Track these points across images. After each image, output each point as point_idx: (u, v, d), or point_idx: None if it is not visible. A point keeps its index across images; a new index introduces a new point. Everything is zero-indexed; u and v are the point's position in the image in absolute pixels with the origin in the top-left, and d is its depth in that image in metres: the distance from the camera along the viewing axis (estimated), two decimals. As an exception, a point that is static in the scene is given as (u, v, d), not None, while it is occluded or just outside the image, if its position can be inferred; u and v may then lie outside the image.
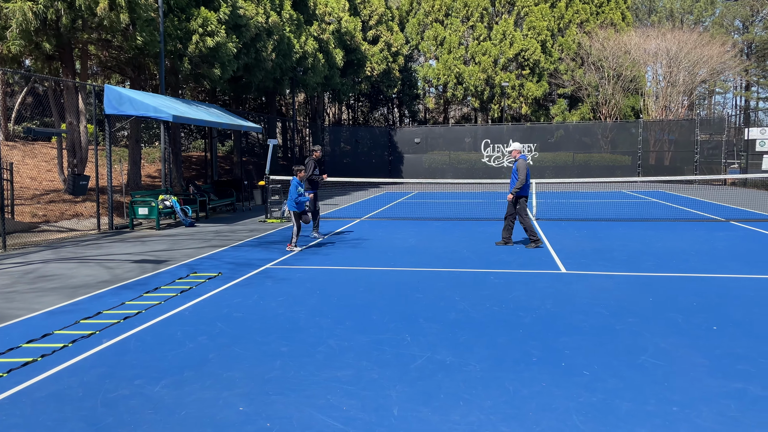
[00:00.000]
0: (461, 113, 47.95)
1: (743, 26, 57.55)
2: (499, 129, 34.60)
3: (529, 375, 4.61)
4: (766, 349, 5.09)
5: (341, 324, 6.01)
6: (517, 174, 10.64)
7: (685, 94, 36.29)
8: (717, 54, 34.99)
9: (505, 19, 38.42)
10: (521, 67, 37.92)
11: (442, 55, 38.69)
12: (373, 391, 4.34)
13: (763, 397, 4.12)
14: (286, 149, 32.19)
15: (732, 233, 12.02)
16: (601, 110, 37.89)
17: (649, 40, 35.39)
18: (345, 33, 28.57)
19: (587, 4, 38.84)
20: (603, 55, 35.81)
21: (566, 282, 7.82)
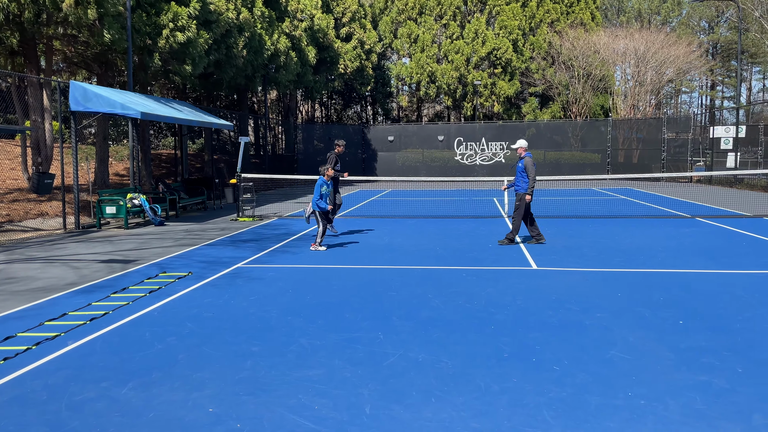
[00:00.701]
0: (434, 111, 48.14)
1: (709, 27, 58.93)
2: (472, 127, 34.83)
3: (501, 371, 4.64)
4: (730, 342, 5.22)
5: (313, 323, 5.97)
6: (525, 173, 10.39)
7: (652, 93, 37.01)
8: (683, 54, 35.78)
9: (477, 17, 38.68)
10: (493, 66, 38.23)
11: (415, 54, 38.79)
12: (345, 389, 4.32)
13: (727, 389, 4.22)
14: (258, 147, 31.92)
15: (697, 229, 12.30)
16: (572, 109, 38.43)
17: (617, 40, 36.00)
18: (317, 30, 28.43)
19: (558, 3, 39.33)
20: (573, 55, 36.31)
21: (537, 278, 7.90)
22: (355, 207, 18.39)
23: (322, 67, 31.01)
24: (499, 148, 34.07)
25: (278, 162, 32.40)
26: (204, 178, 20.64)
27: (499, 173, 32.78)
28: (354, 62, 33.01)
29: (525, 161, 10.41)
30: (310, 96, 34.42)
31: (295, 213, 14.42)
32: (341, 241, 11.27)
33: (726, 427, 3.65)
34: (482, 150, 34.21)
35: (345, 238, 11.63)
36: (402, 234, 12.23)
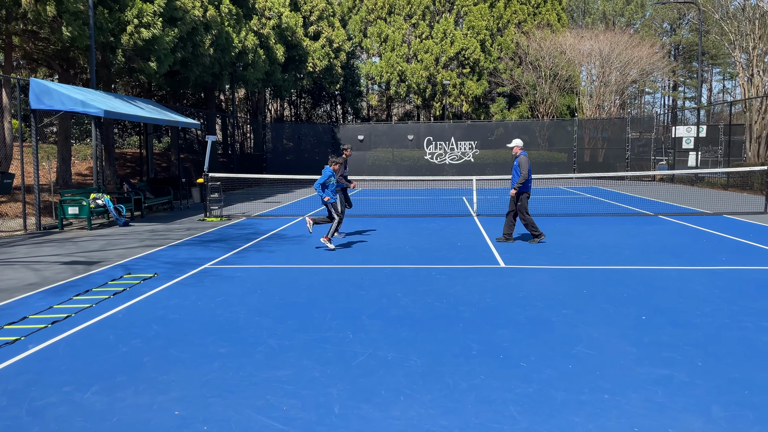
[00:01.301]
0: (404, 111, 48.25)
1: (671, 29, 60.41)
2: (442, 126, 35.03)
3: (469, 368, 4.68)
4: (691, 336, 5.36)
5: (282, 323, 5.93)
6: (519, 170, 10.52)
7: (617, 93, 37.76)
8: (646, 55, 36.58)
9: (446, 17, 38.91)
10: (462, 66, 38.51)
11: (385, 53, 38.82)
12: (314, 389, 4.30)
13: (687, 383, 4.34)
14: (226, 146, 31.54)
15: (660, 227, 12.60)
16: (539, 108, 38.96)
17: (583, 41, 36.62)
18: (286, 28, 28.22)
19: (524, 4, 39.81)
20: (540, 55, 36.81)
21: (505, 276, 8.00)
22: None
23: (290, 66, 30.80)
24: (468, 148, 34.34)
25: (247, 161, 32.07)
26: (170, 177, 20.28)
27: (468, 172, 33.05)
28: (323, 61, 32.87)
29: (519, 159, 10.55)
30: (278, 94, 34.14)
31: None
32: (310, 241, 11.22)
33: (686, 420, 3.75)
34: (452, 149, 34.43)
35: (314, 238, 11.58)
36: (371, 233, 12.23)
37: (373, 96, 44.99)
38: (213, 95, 29.75)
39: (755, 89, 25.07)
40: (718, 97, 65.50)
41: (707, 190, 22.61)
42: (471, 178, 16.56)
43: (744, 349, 5.01)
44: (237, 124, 32.63)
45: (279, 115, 46.00)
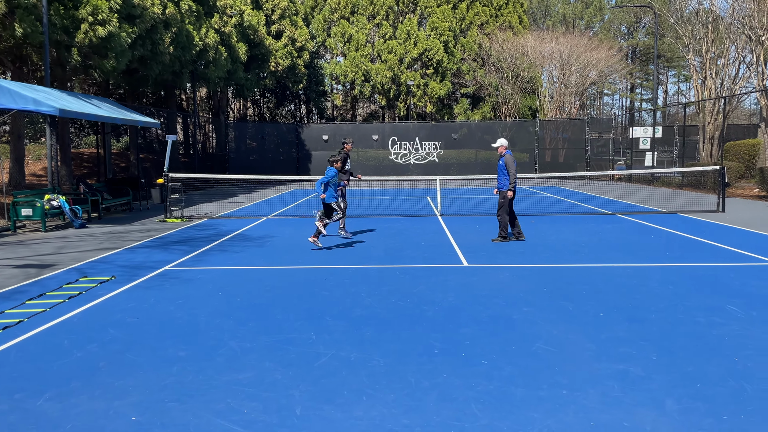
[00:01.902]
0: (369, 111, 48.28)
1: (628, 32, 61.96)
2: (406, 127, 35.17)
3: (431, 367, 4.70)
4: (646, 332, 5.50)
5: (244, 325, 5.86)
6: (506, 170, 10.57)
7: (577, 94, 38.56)
8: (605, 57, 37.45)
9: (410, 18, 39.08)
10: (425, 67, 38.74)
11: (349, 52, 38.76)
12: (276, 392, 4.26)
13: (642, 377, 4.45)
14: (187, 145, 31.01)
15: (618, 225, 12.91)
16: (501, 109, 39.48)
17: (544, 43, 37.26)
18: (248, 27, 27.91)
19: (487, 6, 40.28)
20: (502, 57, 37.30)
21: (468, 275, 8.07)
22: (288, 207, 18.19)
23: (253, 64, 30.47)
24: (433, 148, 34.58)
25: (209, 161, 31.60)
26: (129, 178, 19.83)
27: (433, 172, 33.27)
28: (286, 60, 32.62)
29: (506, 159, 10.61)
30: (241, 94, 33.72)
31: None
32: (274, 242, 11.12)
33: (641, 413, 3.85)
34: (416, 149, 34.62)
35: (278, 239, 11.48)
36: (336, 233, 12.18)
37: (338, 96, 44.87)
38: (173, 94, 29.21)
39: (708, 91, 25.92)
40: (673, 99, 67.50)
41: (663, 189, 23.27)
42: (435, 178, 16.67)
43: (696, 343, 5.17)
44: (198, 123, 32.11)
45: (242, 114, 45.47)
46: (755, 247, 9.83)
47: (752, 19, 22.05)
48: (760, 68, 22.74)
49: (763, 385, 4.26)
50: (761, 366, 4.61)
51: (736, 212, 15.01)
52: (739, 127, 35.54)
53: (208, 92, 37.15)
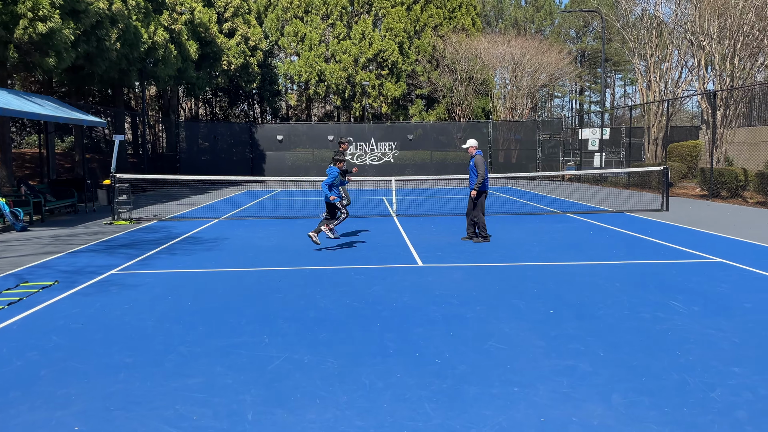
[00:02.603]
0: (324, 111, 48.05)
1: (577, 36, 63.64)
2: (362, 127, 35.15)
3: (385, 367, 4.70)
4: (594, 328, 5.65)
5: (194, 329, 5.73)
6: (475, 170, 10.67)
7: (528, 96, 39.35)
8: (555, 60, 38.35)
9: (364, 19, 39.09)
10: (380, 67, 38.83)
11: (303, 52, 38.49)
12: (226, 397, 4.17)
13: (590, 372, 4.56)
14: (136, 145, 30.18)
15: (568, 224, 13.22)
16: (456, 111, 39.94)
17: (496, 46, 37.89)
18: (199, 24, 27.35)
19: (441, 8, 40.67)
20: (456, 58, 37.73)
21: (422, 275, 8.11)
22: (242, 208, 17.91)
23: (204, 63, 29.88)
24: (388, 149, 34.67)
25: (159, 162, 30.83)
26: (74, 179, 19.14)
27: (389, 173, 33.36)
28: (238, 59, 32.13)
29: (476, 159, 10.70)
30: (192, 93, 33.02)
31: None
32: (226, 244, 10.92)
33: (589, 408, 3.94)
34: (372, 150, 34.65)
35: (231, 241, 11.29)
36: (291, 234, 12.07)
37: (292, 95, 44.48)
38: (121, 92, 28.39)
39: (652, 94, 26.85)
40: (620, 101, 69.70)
41: (611, 189, 23.98)
42: (390, 178, 16.71)
43: (641, 338, 5.34)
44: (148, 122, 31.29)
45: (193, 113, 44.56)
46: (697, 245, 10.23)
47: (694, 25, 22.97)
48: (701, 72, 23.71)
49: (704, 377, 4.42)
50: (702, 359, 4.79)
51: (679, 211, 15.60)
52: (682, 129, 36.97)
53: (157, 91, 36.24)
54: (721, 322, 5.76)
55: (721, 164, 21.77)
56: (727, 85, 21.60)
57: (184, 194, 23.70)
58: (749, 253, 9.43)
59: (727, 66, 21.65)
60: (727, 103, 21.56)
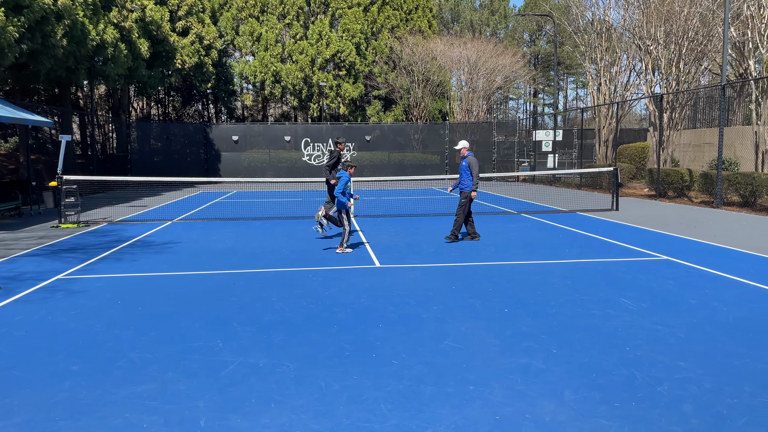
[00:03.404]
0: (281, 111, 47.60)
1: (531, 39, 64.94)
2: (319, 128, 34.97)
3: (342, 369, 4.67)
4: (547, 326, 5.75)
5: (144, 335, 5.57)
6: (469, 171, 10.74)
7: (484, 98, 39.91)
8: (510, 63, 39.03)
9: (321, 19, 38.92)
10: (338, 68, 38.73)
11: (258, 52, 38.05)
12: (179, 403, 4.07)
13: (543, 369, 4.64)
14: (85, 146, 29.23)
15: (522, 224, 13.46)
16: (413, 112, 40.17)
17: (453, 48, 38.30)
18: (150, 22, 26.68)
19: (397, 10, 40.86)
20: (413, 60, 37.96)
21: (380, 276, 8.12)
22: (196, 210, 17.56)
23: (156, 62, 29.17)
24: (346, 149, 34.57)
25: (109, 163, 29.95)
26: (19, 180, 18.39)
27: (346, 174, 33.23)
28: (192, 58, 31.50)
29: (469, 160, 10.79)
30: (144, 92, 32.19)
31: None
32: (178, 248, 10.68)
33: (542, 404, 4.01)
34: (330, 151, 34.49)
35: (184, 244, 11.05)
36: (246, 236, 11.90)
37: (248, 96, 43.91)
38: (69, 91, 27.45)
39: (603, 97, 27.62)
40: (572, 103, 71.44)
41: (564, 189, 24.54)
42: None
43: (592, 335, 5.47)
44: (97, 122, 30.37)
45: (145, 113, 43.49)
46: (645, 243, 10.57)
47: (641, 30, 23.74)
48: (648, 76, 24.52)
49: (652, 372, 4.56)
50: (650, 354, 4.95)
51: (628, 210, 16.08)
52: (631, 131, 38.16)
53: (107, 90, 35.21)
54: (668, 318, 5.95)
55: (668, 165, 22.56)
56: (673, 89, 22.41)
57: (135, 196, 23.09)
58: (694, 250, 9.79)
59: (673, 70, 22.46)
60: (673, 106, 22.36)
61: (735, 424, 3.69)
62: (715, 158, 18.01)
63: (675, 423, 3.72)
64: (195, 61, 31.71)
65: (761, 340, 5.29)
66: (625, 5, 26.36)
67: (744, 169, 20.90)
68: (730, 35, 19.83)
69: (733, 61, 22.50)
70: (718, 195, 16.90)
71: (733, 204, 17.04)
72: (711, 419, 3.76)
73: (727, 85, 18.75)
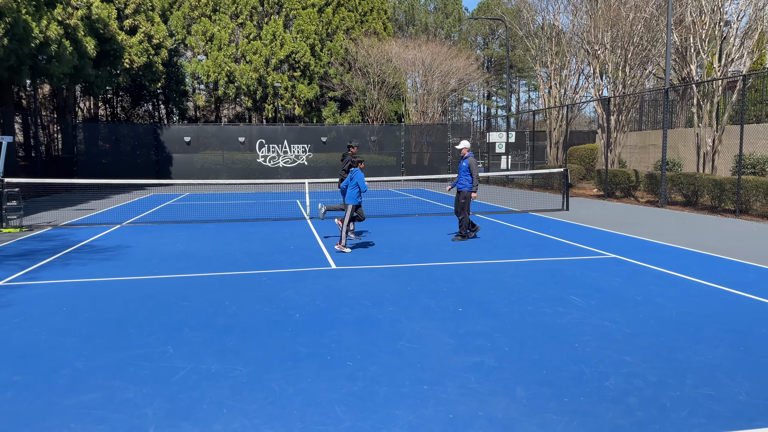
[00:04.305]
0: (235, 112, 46.91)
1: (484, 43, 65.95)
2: (274, 129, 34.63)
3: (296, 373, 4.64)
4: (499, 324, 5.85)
5: (91, 342, 5.40)
6: (469, 171, 10.97)
7: (439, 101, 40.33)
8: (464, 66, 39.54)
9: (275, 19, 38.57)
10: (293, 69, 38.45)
11: (211, 52, 37.43)
12: (127, 412, 3.96)
13: (496, 367, 4.72)
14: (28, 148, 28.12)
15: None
16: (369, 113, 40.23)
17: (408, 50, 38.55)
18: (97, 20, 25.89)
19: (352, 12, 40.87)
20: (368, 62, 38.03)
21: (336, 278, 8.09)
22: (146, 213, 17.12)
23: (104, 61, 28.31)
24: (302, 151, 34.37)
25: (54, 165, 28.88)
26: (-44, 183, 17.47)
27: (303, 175, 33.08)
28: (141, 57, 30.72)
29: (469, 161, 11.05)
30: (91, 92, 31.20)
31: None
32: (127, 252, 10.39)
33: (494, 402, 4.07)
34: (285, 152, 34.21)
35: (134, 248, 10.75)
36: (199, 240, 11.68)
37: (200, 96, 43.11)
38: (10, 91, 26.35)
39: (553, 100, 28.29)
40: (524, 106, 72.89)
41: (516, 190, 25.01)
42: (304, 181, 16.56)
43: (543, 332, 5.59)
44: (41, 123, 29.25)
45: (92, 114, 42.18)
46: (594, 242, 10.87)
47: (589, 35, 24.43)
48: (596, 80, 25.25)
49: (599, 367, 4.69)
50: (597, 350, 5.09)
51: (578, 210, 16.52)
52: (581, 133, 39.23)
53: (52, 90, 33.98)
54: (615, 314, 6.14)
55: (616, 166, 23.28)
56: (620, 92, 23.14)
57: (82, 199, 22.34)
58: (640, 248, 10.13)
59: (619, 74, 23.19)
60: (620, 108, 23.09)
61: (677, 416, 3.83)
62: (660, 159, 18.69)
63: (621, 416, 3.84)
64: (144, 61, 30.93)
65: (702, 334, 5.51)
66: (574, 10, 27.09)
67: (687, 170, 21.77)
68: (673, 40, 20.63)
69: (676, 65, 23.41)
70: (663, 195, 17.54)
71: (676, 203, 17.72)
72: (655, 411, 3.90)
73: (671, 89, 19.50)
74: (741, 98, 15.28)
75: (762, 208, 14.34)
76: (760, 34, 18.50)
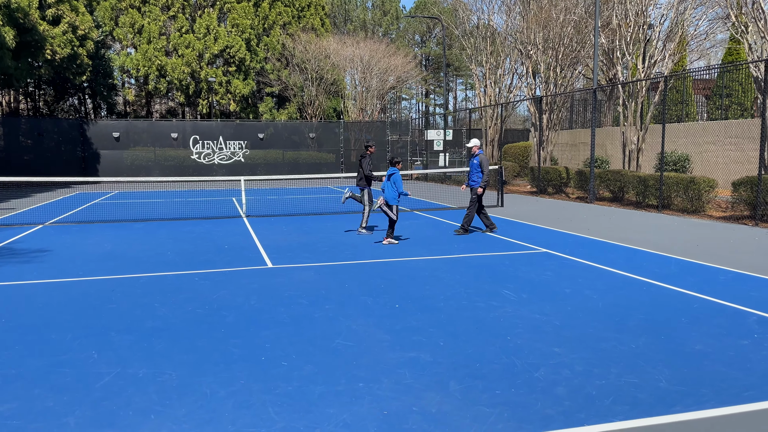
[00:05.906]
0: (167, 107, 45.44)
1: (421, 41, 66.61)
2: (209, 125, 33.76)
3: (229, 375, 4.52)
4: (435, 319, 5.91)
5: (8, 349, 5.08)
6: (480, 168, 11.36)
7: (378, 98, 40.42)
8: (402, 64, 39.81)
9: (209, 13, 37.60)
10: (227, 64, 37.61)
11: (141, 45, 36.09)
12: (46, 421, 3.75)
13: (430, 362, 4.76)
14: (-60, 143, 26.28)
15: (415, 222, 13.77)
16: (307, 110, 39.87)
17: (346, 47, 38.44)
18: (16, 9, 24.46)
19: (289, 7, 40.36)
20: (306, 58, 37.67)
21: (271, 276, 7.96)
22: (71, 212, 16.33)
23: (24, 52, 26.78)
24: (238, 147, 33.67)
25: (-30, 162, 27.12)
26: None
27: (239, 172, 32.42)
28: (65, 48, 29.25)
29: (480, 158, 11.41)
30: (10, 84, 29.47)
31: None
32: (48, 256, 9.88)
33: (428, 397, 4.10)
34: (220, 149, 33.42)
35: (57, 249, 10.23)
36: (128, 240, 11.24)
37: (130, 90, 41.51)
38: None
39: (488, 99, 28.89)
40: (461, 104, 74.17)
41: (454, 187, 25.40)
42: (240, 178, 16.25)
43: (477, 326, 5.69)
44: (-45, 117, 27.35)
45: (12, 108, 39.86)
46: (526, 237, 11.17)
47: (522, 35, 25.08)
48: (529, 79, 25.97)
49: (529, 359, 4.82)
50: (528, 342, 5.22)
51: (512, 206, 16.94)
52: (515, 131, 40.25)
53: (-34, 81, 31.83)
54: (546, 307, 6.32)
55: (548, 163, 24.03)
56: (551, 92, 23.88)
57: (1, 198, 21.08)
58: (570, 243, 10.49)
59: (551, 74, 23.94)
60: (552, 107, 23.84)
61: (602, 404, 3.98)
62: (589, 157, 19.43)
63: (550, 406, 3.95)
64: (68, 52, 29.47)
65: (627, 324, 5.75)
66: (508, 11, 27.75)
67: (614, 167, 22.73)
68: (601, 43, 21.46)
69: (604, 66, 24.37)
70: (591, 191, 18.24)
71: (604, 199, 18.47)
72: (582, 400, 4.03)
73: (599, 89, 20.28)
74: (663, 99, 16.06)
75: (682, 203, 15.15)
76: (681, 38, 19.52)
